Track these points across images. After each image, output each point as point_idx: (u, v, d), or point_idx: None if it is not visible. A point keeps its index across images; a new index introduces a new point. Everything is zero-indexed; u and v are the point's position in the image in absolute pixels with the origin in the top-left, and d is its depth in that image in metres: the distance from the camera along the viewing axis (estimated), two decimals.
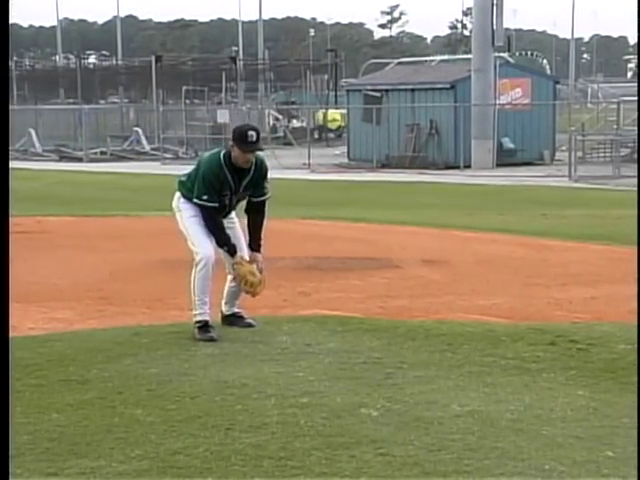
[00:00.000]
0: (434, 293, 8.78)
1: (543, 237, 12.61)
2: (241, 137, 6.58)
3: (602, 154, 28.91)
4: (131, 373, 5.87)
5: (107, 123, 38.92)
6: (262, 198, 6.91)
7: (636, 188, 21.54)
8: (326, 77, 45.40)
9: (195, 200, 6.76)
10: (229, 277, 6.98)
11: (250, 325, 6.97)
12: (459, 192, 21.53)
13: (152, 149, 35.66)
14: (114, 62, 60.31)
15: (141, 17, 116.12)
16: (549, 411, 5.05)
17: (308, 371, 5.78)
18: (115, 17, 74.16)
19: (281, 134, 39.59)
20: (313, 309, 7.92)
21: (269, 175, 7.01)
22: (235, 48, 64.95)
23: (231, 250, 6.82)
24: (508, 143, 28.94)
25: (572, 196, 20.08)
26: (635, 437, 4.65)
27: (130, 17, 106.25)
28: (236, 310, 7.09)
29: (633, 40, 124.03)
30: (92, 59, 70.45)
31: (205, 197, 6.72)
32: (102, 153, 35.39)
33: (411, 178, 25.25)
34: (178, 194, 6.98)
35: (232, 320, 7.04)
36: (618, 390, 5.45)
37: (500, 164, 27.70)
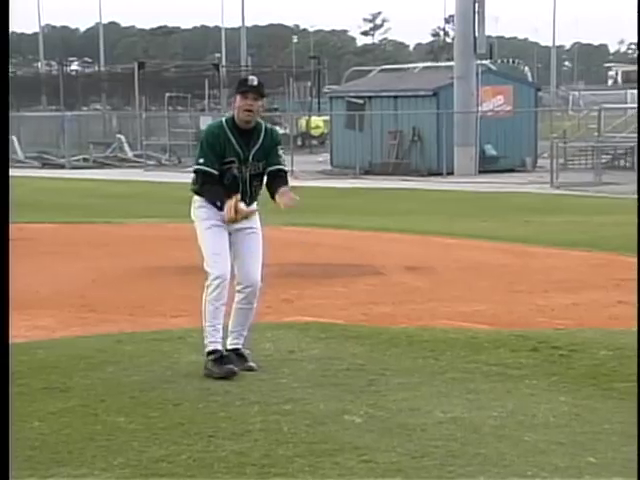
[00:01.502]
0: (417, 300, 8.80)
1: (525, 244, 12.66)
2: (240, 82, 5.99)
3: (583, 161, 29.07)
4: (114, 381, 5.85)
5: (89, 130, 38.82)
6: (280, 166, 6.01)
7: (617, 195, 21.69)
8: (309, 84, 45.46)
9: (194, 167, 5.98)
10: (237, 295, 6.08)
11: (251, 369, 6.01)
12: (442, 199, 21.59)
13: (135, 156, 35.60)
14: (96, 69, 60.24)
15: (124, 24, 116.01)
16: (531, 417, 5.06)
17: (291, 378, 5.78)
18: (97, 24, 74.12)
19: None
20: (296, 316, 7.92)
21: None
22: (218, 55, 64.99)
23: (223, 200, 5.87)
24: (490, 150, 29.06)
25: (554, 203, 20.16)
26: (616, 443, 4.67)
27: (112, 24, 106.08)
28: (240, 347, 6.10)
29: (613, 48, 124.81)
30: (74, 66, 70.29)
31: (202, 160, 5.89)
32: (84, 160, 35.30)
33: (394, 185, 25.30)
34: (194, 197, 6.08)
35: (231, 358, 5.99)
36: (600, 396, 5.47)
37: (482, 171, 27.80)
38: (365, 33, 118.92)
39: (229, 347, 6.06)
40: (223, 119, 6.03)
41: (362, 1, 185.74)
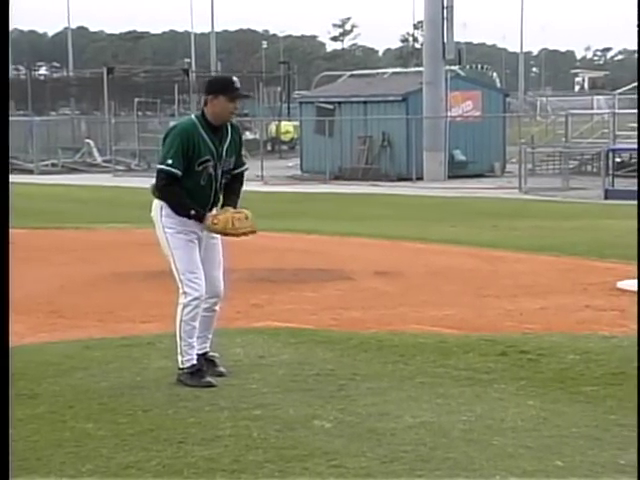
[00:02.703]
0: (387, 304, 8.82)
1: (494, 248, 12.73)
2: (226, 84, 5.80)
3: (551, 166, 29.30)
4: (82, 387, 5.83)
5: (58, 135, 38.58)
6: (242, 169, 5.99)
7: (585, 200, 21.86)
8: (279, 89, 45.48)
9: (158, 166, 5.75)
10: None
11: (221, 374, 5.95)
12: (411, 204, 21.66)
13: (104, 161, 35.45)
14: (65, 73, 59.90)
15: (92, 28, 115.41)
16: (500, 421, 5.10)
17: (261, 383, 5.78)
18: (66, 28, 73.66)
19: None
20: (266, 321, 7.92)
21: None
22: (187, 60, 64.80)
23: (199, 214, 5.74)
24: (459, 155, 29.22)
25: (522, 208, 20.29)
26: (583, 446, 4.71)
27: (81, 28, 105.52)
28: (208, 350, 6.04)
29: (580, 54, 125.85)
30: (43, 70, 69.87)
31: (170, 161, 5.63)
32: (53, 165, 35.10)
33: (364, 190, 25.36)
34: (157, 202, 5.89)
35: (204, 368, 5.92)
36: (567, 400, 5.52)
37: (452, 176, 27.95)
38: (335, 38, 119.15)
39: (198, 352, 5.94)
40: (193, 117, 5.86)
41: (331, 7, 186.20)
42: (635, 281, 9.51)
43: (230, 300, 8.40)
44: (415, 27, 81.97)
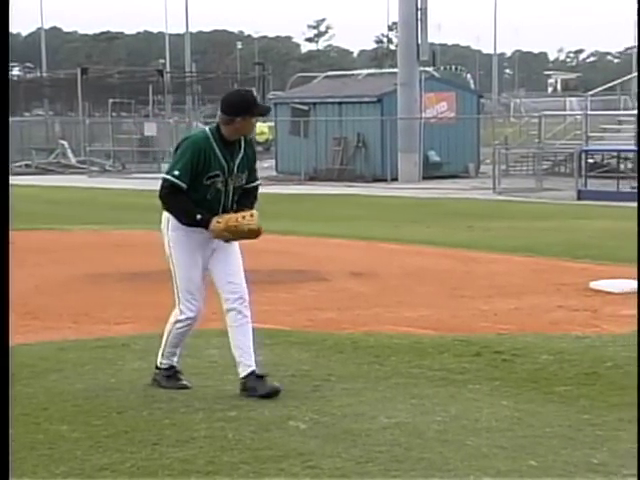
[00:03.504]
0: (362, 305, 8.84)
1: (468, 249, 12.78)
2: (249, 102, 5.59)
3: (525, 167, 29.43)
4: (56, 389, 5.80)
5: (32, 136, 38.38)
6: (254, 184, 5.80)
7: (558, 201, 21.99)
8: (254, 90, 45.41)
9: (164, 175, 5.62)
10: (229, 316, 5.72)
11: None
12: (386, 205, 21.70)
13: (78, 162, 35.28)
14: (39, 74, 59.54)
15: (66, 29, 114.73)
16: (474, 422, 5.12)
17: (236, 385, 5.77)
18: (39, 28, 73.27)
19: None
20: None
21: None
22: (162, 61, 64.59)
23: (205, 218, 5.54)
24: (434, 156, 29.30)
25: (496, 208, 20.38)
26: (557, 446, 4.74)
27: (54, 29, 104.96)
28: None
29: (553, 56, 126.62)
30: (16, 71, 69.46)
31: (177, 172, 5.50)
32: (27, 166, 34.88)
33: (339, 191, 25.38)
34: (165, 214, 5.74)
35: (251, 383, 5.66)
36: (541, 400, 5.55)
37: (426, 177, 28.03)
38: (309, 39, 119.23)
39: (243, 374, 5.64)
40: (207, 130, 5.67)
41: (306, 8, 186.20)
42: (608, 281, 9.59)
43: (206, 301, 8.41)
44: (390, 28, 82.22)
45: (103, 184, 28.72)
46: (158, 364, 5.89)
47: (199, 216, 5.54)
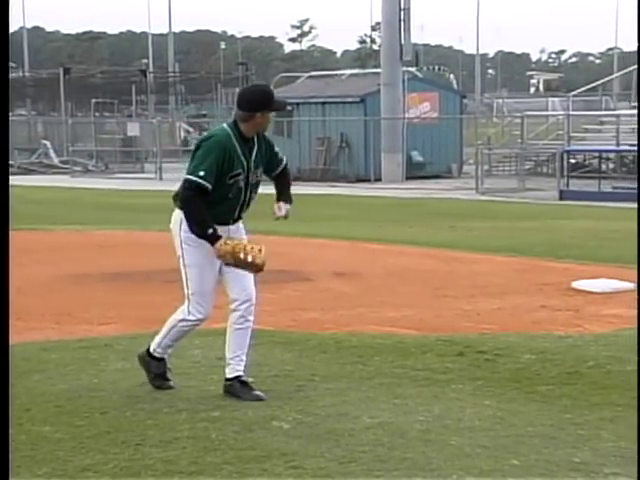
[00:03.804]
0: (345, 305, 8.85)
1: (451, 249, 12.81)
2: (268, 97, 5.51)
3: (507, 167, 29.53)
4: (39, 389, 5.79)
5: (14, 136, 38.05)
6: (282, 164, 5.81)
7: (540, 201, 22.07)
8: (237, 90, 45.30)
9: (187, 176, 5.43)
10: (232, 316, 5.68)
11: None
12: (369, 205, 21.73)
13: (61, 162, 35.17)
14: (21, 74, 59.21)
15: (48, 28, 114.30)
16: (457, 421, 5.14)
17: (219, 385, 5.77)
18: (21, 28, 72.87)
19: (193, 147, 39.35)
20: (225, 322, 7.89)
21: None
22: (145, 61, 64.40)
23: (212, 236, 5.39)
24: (417, 156, 29.35)
25: (479, 208, 20.43)
26: (539, 445, 4.77)
27: (37, 28, 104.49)
28: (242, 374, 5.67)
29: (535, 56, 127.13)
30: None
31: (202, 173, 5.35)
32: (9, 166, 34.74)
33: (322, 191, 25.38)
34: (177, 212, 5.56)
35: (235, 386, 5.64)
36: (523, 399, 5.58)
37: (409, 177, 28.08)
38: (293, 40, 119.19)
39: (230, 376, 5.63)
40: (227, 128, 5.55)
41: (290, 8, 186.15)
42: (589, 281, 9.64)
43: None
44: (373, 29, 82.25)
45: (86, 184, 28.63)
46: (152, 350, 5.79)
47: (210, 230, 5.39)
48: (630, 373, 6.11)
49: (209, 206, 5.43)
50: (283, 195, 5.86)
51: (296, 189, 6.30)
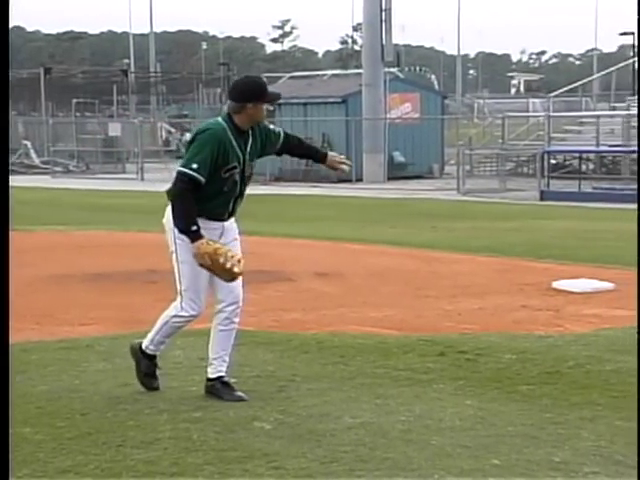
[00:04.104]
0: (327, 306, 8.85)
1: (433, 249, 12.84)
2: (262, 89, 5.52)
3: (488, 168, 29.62)
4: (19, 390, 5.76)
5: None
6: (283, 133, 5.79)
7: (521, 201, 22.16)
8: (219, 90, 45.28)
9: (179, 169, 5.36)
10: (217, 317, 5.68)
11: (241, 399, 5.55)
12: (351, 205, 21.76)
13: (42, 162, 35.03)
14: None
15: (29, 28, 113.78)
16: (438, 421, 5.15)
17: (201, 385, 5.76)
18: None
19: (174, 147, 39.33)
20: (206, 323, 7.87)
21: None
22: (126, 61, 64.20)
23: (195, 235, 5.33)
24: (399, 157, 29.40)
25: (460, 209, 20.48)
26: (519, 445, 4.79)
27: (17, 28, 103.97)
28: (224, 374, 5.66)
29: (516, 57, 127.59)
30: None
31: (195, 165, 5.28)
32: None
33: (304, 191, 25.40)
34: (170, 207, 5.51)
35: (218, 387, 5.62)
36: (504, 399, 5.60)
37: (391, 177, 28.13)
38: (274, 40, 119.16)
39: (212, 376, 5.62)
40: (221, 121, 5.47)
41: (271, 8, 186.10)
42: (569, 281, 9.68)
43: (171, 302, 8.38)
44: (354, 29, 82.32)
45: (67, 184, 28.54)
46: (144, 347, 5.73)
47: (194, 227, 5.33)
48: (609, 373, 6.15)
49: (205, 200, 5.39)
50: (317, 152, 5.84)
51: (278, 189, 6.32)
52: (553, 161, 26.84)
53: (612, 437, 4.86)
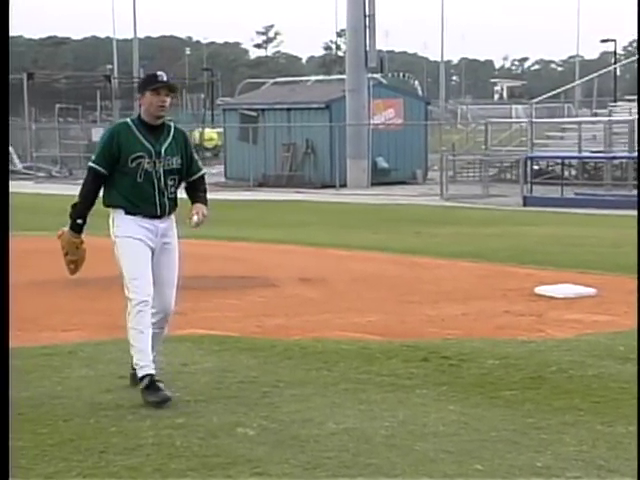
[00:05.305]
0: (310, 311, 8.85)
1: (416, 255, 12.86)
2: (148, 79, 5.91)
3: (472, 174, 29.70)
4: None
5: None
6: (199, 174, 6.01)
7: (504, 207, 22.22)
8: (202, 96, 45.30)
9: (89, 164, 5.89)
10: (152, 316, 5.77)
11: (168, 399, 5.55)
12: (335, 211, 21.77)
13: (25, 168, 34.92)
14: None
15: (11, 33, 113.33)
16: (422, 426, 5.16)
17: (184, 391, 5.76)
18: None
19: None
20: (189, 329, 7.88)
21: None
22: (110, 66, 64.13)
23: (78, 227, 5.98)
24: (382, 162, 29.45)
25: (443, 214, 20.53)
26: (502, 450, 4.80)
27: None
28: (153, 371, 5.68)
29: (498, 64, 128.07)
30: None
31: (94, 158, 5.86)
32: None
33: (288, 197, 25.40)
34: (110, 210, 5.94)
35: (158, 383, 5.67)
36: (487, 404, 5.61)
37: (375, 183, 28.17)
38: (258, 46, 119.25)
39: (133, 371, 5.82)
40: (128, 119, 5.98)
41: (255, 14, 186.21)
42: (552, 287, 9.72)
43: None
44: (338, 35, 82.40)
45: (50, 190, 28.44)
46: (137, 373, 5.69)
47: (80, 221, 5.94)
48: (591, 378, 6.18)
49: (126, 192, 5.77)
50: (198, 197, 6.01)
51: (262, 195, 6.34)
52: (536, 167, 26.95)
53: (594, 442, 4.88)
